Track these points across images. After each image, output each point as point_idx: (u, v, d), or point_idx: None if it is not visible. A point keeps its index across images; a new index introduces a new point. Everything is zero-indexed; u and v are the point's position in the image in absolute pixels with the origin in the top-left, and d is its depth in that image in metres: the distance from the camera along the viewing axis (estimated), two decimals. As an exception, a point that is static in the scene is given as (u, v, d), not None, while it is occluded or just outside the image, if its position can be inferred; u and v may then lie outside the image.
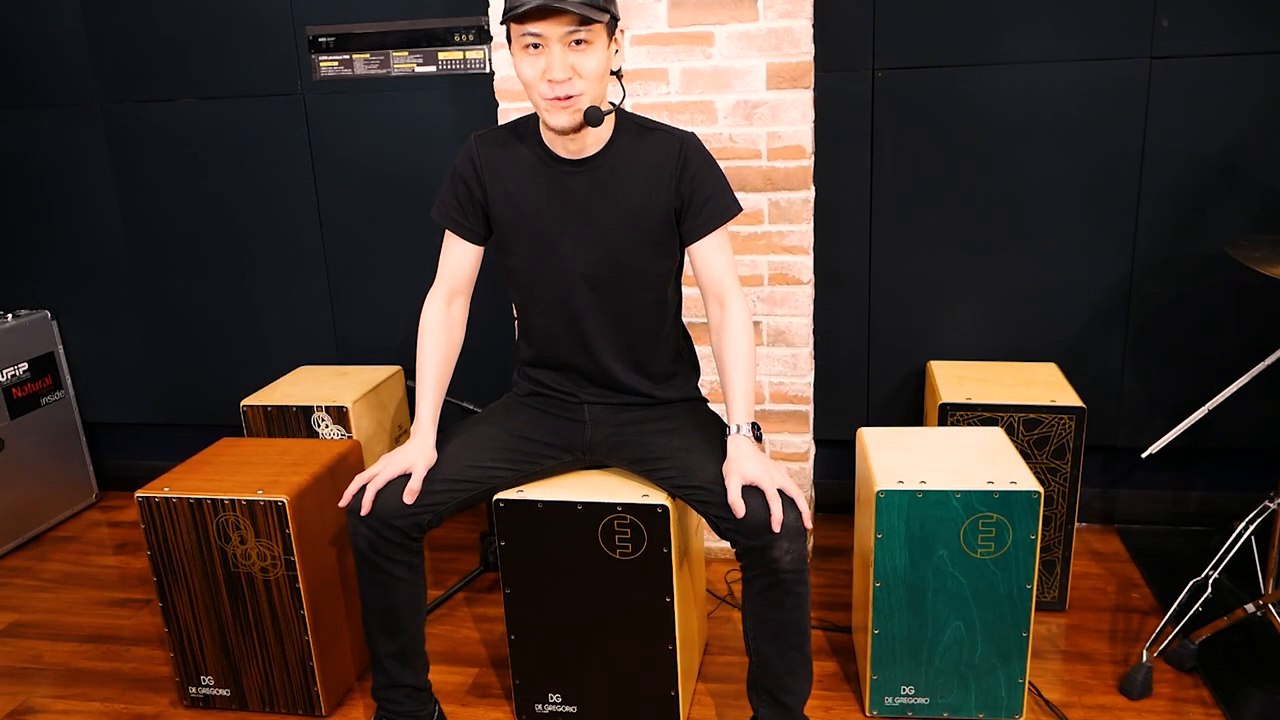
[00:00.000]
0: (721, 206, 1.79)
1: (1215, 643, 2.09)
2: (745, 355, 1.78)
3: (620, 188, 1.76)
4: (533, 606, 1.92)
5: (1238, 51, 2.34)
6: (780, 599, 1.69)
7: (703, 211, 1.77)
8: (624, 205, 1.77)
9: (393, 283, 2.90)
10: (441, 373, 1.88)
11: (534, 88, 1.66)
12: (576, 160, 1.77)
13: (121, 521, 3.11)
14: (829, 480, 2.84)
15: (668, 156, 1.76)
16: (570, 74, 1.62)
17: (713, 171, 1.79)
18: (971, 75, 2.46)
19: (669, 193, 1.77)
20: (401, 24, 2.69)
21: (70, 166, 2.98)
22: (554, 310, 1.85)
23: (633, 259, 1.80)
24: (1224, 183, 2.43)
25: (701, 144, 1.79)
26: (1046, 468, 2.25)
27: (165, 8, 2.79)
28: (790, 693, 1.77)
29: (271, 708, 2.09)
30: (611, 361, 1.87)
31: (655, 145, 1.77)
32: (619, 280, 1.81)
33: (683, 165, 1.76)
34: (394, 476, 1.76)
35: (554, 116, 1.67)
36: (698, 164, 1.77)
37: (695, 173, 1.76)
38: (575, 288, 1.81)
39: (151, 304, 3.07)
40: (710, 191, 1.77)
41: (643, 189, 1.76)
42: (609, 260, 1.79)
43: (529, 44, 1.62)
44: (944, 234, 2.58)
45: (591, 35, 1.62)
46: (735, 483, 1.66)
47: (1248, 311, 2.49)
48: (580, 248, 1.79)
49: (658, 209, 1.77)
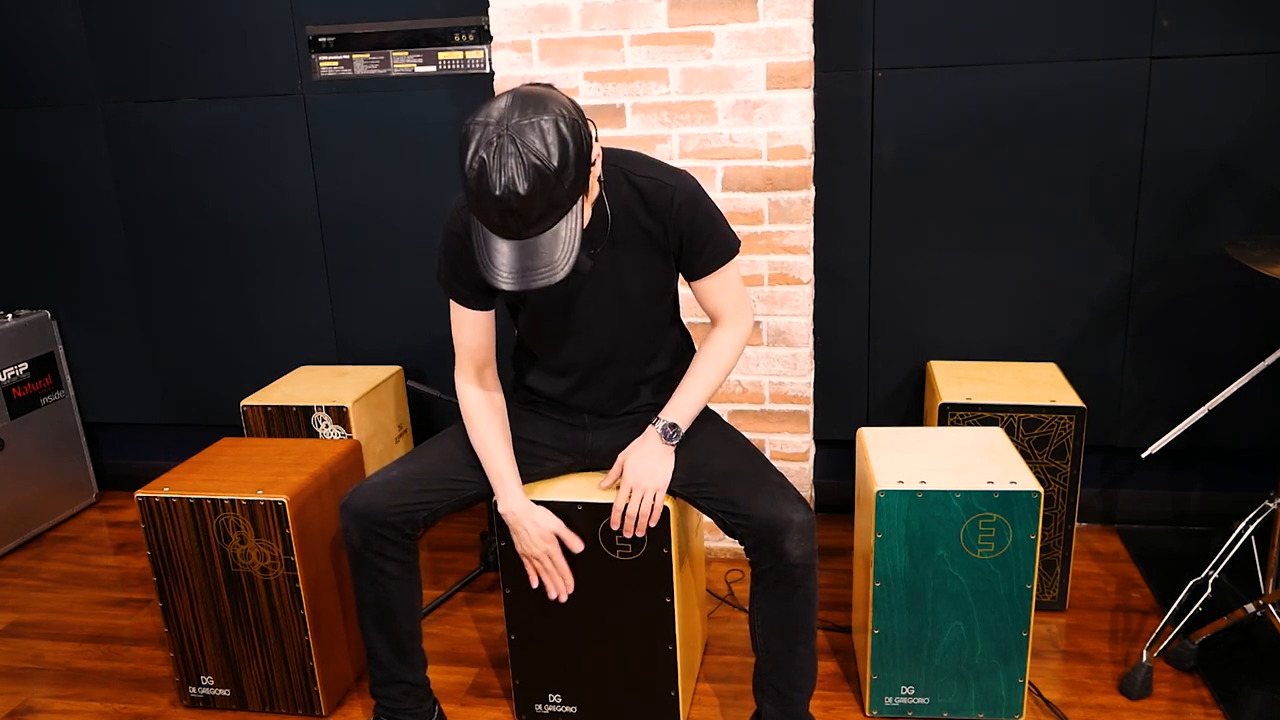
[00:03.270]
0: (719, 251, 1.75)
1: (1215, 643, 2.09)
2: (715, 366, 1.80)
3: (622, 252, 1.72)
4: (533, 606, 1.92)
5: (1238, 51, 2.34)
6: (789, 594, 1.69)
7: (701, 254, 1.74)
8: (627, 266, 1.73)
9: (393, 283, 2.90)
10: (502, 437, 1.82)
11: None
12: None
13: (121, 521, 3.11)
14: (829, 480, 2.84)
15: (661, 209, 1.69)
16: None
17: (710, 217, 1.72)
18: (971, 75, 2.46)
19: (664, 242, 1.72)
20: (401, 24, 2.69)
21: (70, 166, 2.98)
22: (557, 355, 1.84)
23: (640, 314, 1.79)
24: (1224, 183, 2.43)
25: (694, 186, 1.71)
26: (1046, 468, 2.25)
27: (165, 8, 2.79)
28: (797, 689, 1.78)
29: (271, 708, 2.09)
30: (614, 395, 1.88)
31: (648, 198, 1.69)
32: (628, 335, 1.81)
33: (676, 213, 1.69)
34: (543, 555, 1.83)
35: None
36: (693, 212, 1.70)
37: (692, 220, 1.70)
38: (580, 337, 1.80)
39: (151, 304, 3.07)
40: (708, 235, 1.72)
41: (643, 248, 1.72)
42: (617, 320, 1.78)
43: None
44: (944, 234, 2.58)
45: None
46: (616, 469, 1.78)
47: (1248, 311, 2.49)
48: (588, 314, 1.77)
49: (659, 263, 1.74)
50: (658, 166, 1.72)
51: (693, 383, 1.80)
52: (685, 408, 1.78)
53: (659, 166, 1.72)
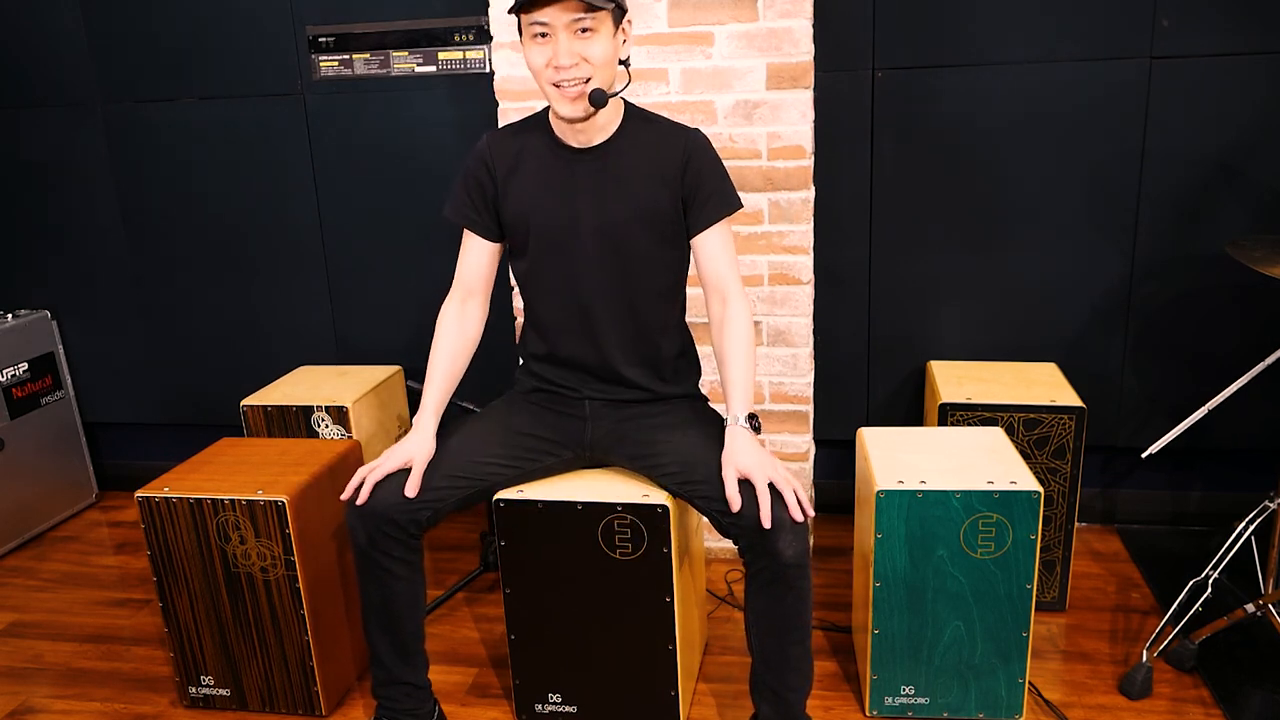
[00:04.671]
0: (724, 200, 1.82)
1: (1215, 643, 2.09)
2: (745, 350, 1.80)
3: (628, 174, 1.80)
4: (533, 606, 1.92)
5: (1238, 51, 2.34)
6: (783, 594, 1.69)
7: (706, 204, 1.81)
8: (632, 191, 1.80)
9: (393, 283, 2.90)
10: (449, 366, 1.89)
11: (541, 75, 1.70)
12: (585, 149, 1.80)
13: (121, 521, 3.11)
14: (829, 480, 2.84)
15: (674, 149, 1.79)
16: (576, 60, 1.66)
17: (717, 166, 1.83)
18: (971, 75, 2.46)
19: (675, 184, 1.80)
20: (401, 24, 2.69)
21: (70, 166, 2.98)
22: (562, 300, 1.86)
23: (640, 245, 1.82)
24: (1224, 183, 2.43)
25: (706, 139, 1.83)
26: (1046, 468, 2.25)
27: (165, 7, 2.79)
28: (792, 689, 1.78)
29: (271, 708, 2.09)
30: (617, 353, 1.87)
31: (661, 136, 1.81)
32: (627, 268, 1.83)
33: (688, 159, 1.79)
34: (394, 470, 1.77)
35: (562, 105, 1.71)
36: (702, 159, 1.80)
37: (700, 167, 1.80)
38: (584, 274, 1.83)
39: (151, 304, 3.07)
40: (714, 185, 1.81)
41: (649, 176, 1.80)
42: (618, 245, 1.81)
43: (537, 33, 1.67)
44: (944, 234, 2.58)
45: (597, 23, 1.66)
46: (731, 475, 1.68)
47: (1248, 311, 2.49)
48: (589, 233, 1.81)
49: (663, 198, 1.80)
50: (671, 120, 1.86)
51: (738, 376, 1.78)
52: (745, 398, 1.77)
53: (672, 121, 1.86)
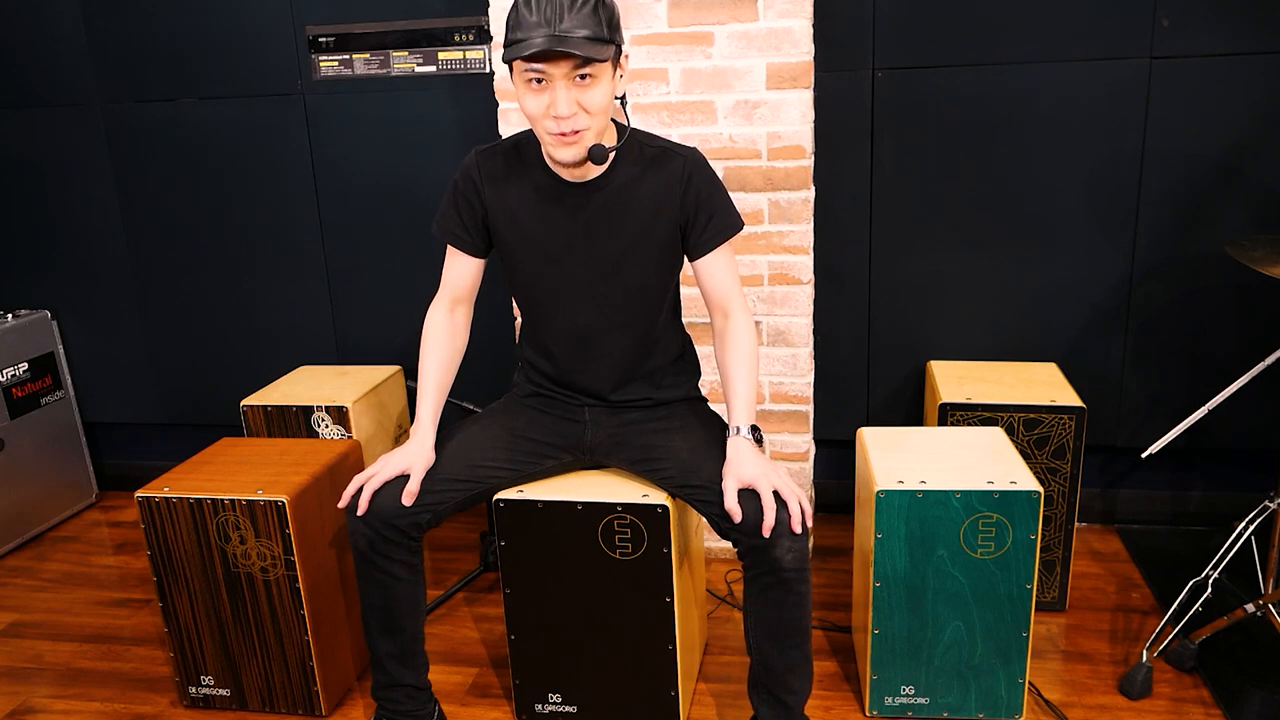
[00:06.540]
0: (724, 224, 1.79)
1: (1215, 643, 2.09)
2: (749, 363, 1.79)
3: (626, 212, 1.76)
4: (533, 606, 1.92)
5: (1238, 51, 2.34)
6: (781, 598, 1.69)
7: (707, 228, 1.78)
8: (630, 229, 1.77)
9: (393, 283, 2.90)
10: (443, 375, 1.88)
11: (539, 123, 1.65)
12: (581, 184, 1.76)
13: (121, 521, 3.11)
14: (829, 480, 2.84)
15: (672, 176, 1.76)
16: (575, 110, 1.61)
17: (716, 189, 1.79)
18: (971, 75, 2.46)
19: (673, 211, 1.77)
20: (401, 24, 2.69)
21: (70, 166, 2.98)
22: (557, 325, 1.85)
23: (638, 279, 1.81)
24: (1224, 183, 2.43)
25: (705, 160, 1.80)
26: (1046, 468, 2.25)
27: (165, 7, 2.79)
28: (791, 692, 1.77)
29: (271, 708, 2.09)
30: (616, 370, 1.88)
31: (659, 165, 1.77)
32: (625, 301, 1.82)
33: (686, 182, 1.76)
34: (392, 477, 1.76)
35: (559, 151, 1.66)
36: (701, 181, 1.77)
37: (699, 190, 1.77)
38: (579, 302, 1.82)
39: (151, 304, 3.07)
40: (714, 209, 1.78)
41: (648, 211, 1.76)
42: (615, 283, 1.80)
43: (532, 79, 1.60)
44: (944, 234, 2.58)
45: (596, 71, 1.60)
46: (732, 486, 1.67)
47: (1248, 311, 2.49)
48: (586, 271, 1.79)
49: (662, 230, 1.78)
50: (668, 141, 1.81)
51: (741, 387, 1.78)
52: (749, 410, 1.77)
53: (669, 141, 1.82)
